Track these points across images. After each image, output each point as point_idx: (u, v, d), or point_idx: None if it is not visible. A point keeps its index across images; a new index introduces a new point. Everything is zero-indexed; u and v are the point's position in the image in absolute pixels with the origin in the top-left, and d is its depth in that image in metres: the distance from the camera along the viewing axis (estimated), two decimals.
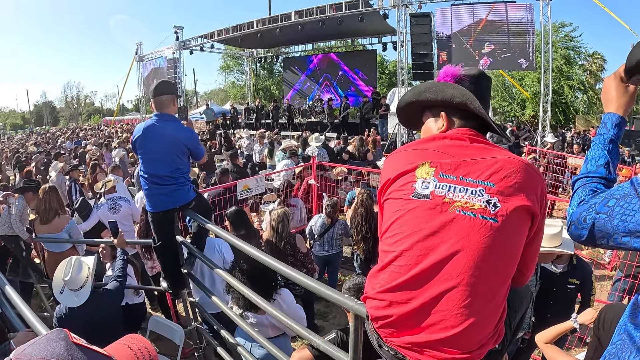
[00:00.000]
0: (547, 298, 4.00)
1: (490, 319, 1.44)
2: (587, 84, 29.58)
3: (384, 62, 38.34)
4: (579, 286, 4.02)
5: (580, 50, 29.10)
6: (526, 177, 1.45)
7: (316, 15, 19.18)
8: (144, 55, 30.19)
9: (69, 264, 3.53)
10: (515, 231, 1.44)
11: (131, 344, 0.96)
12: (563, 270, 4.03)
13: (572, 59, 28.86)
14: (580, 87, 28.76)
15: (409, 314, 1.43)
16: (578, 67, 29.49)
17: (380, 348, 1.59)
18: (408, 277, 1.44)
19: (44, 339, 0.84)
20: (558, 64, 25.72)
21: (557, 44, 26.15)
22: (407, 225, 1.49)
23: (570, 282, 4.01)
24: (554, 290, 4.01)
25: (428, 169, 1.52)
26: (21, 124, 70.50)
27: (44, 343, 0.82)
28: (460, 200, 1.43)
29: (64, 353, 0.81)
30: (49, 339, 0.84)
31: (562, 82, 27.13)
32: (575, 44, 28.66)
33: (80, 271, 3.51)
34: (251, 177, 7.96)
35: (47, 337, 0.84)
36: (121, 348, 0.94)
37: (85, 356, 0.83)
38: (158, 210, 3.72)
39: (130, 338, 0.97)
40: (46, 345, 0.82)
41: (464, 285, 1.37)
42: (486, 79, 1.74)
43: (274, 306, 2.81)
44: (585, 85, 28.99)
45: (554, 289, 4.01)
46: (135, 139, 3.70)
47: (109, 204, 6.17)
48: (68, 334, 0.87)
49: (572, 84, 27.96)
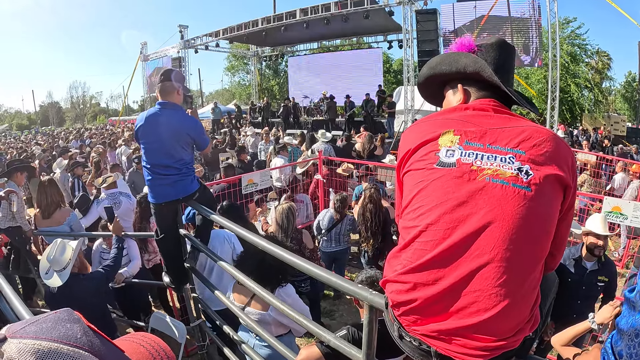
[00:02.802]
0: (575, 296, 3.88)
1: (527, 301, 1.28)
2: (593, 82, 29.38)
3: (389, 60, 38.20)
4: (607, 284, 3.92)
5: (587, 48, 28.97)
6: (556, 147, 1.33)
7: (321, 13, 19.10)
8: (148, 55, 30.22)
9: (54, 246, 3.60)
10: (549, 202, 1.30)
11: (144, 342, 0.81)
12: (593, 268, 3.93)
13: (578, 56, 28.68)
14: (587, 84, 28.57)
15: (436, 296, 1.28)
16: (584, 64, 29.31)
17: (402, 339, 1.44)
18: (435, 254, 1.29)
19: (51, 318, 0.68)
20: (564, 62, 25.55)
21: (563, 41, 26.00)
22: (432, 197, 1.34)
23: (599, 280, 3.92)
24: (582, 289, 3.89)
25: (452, 137, 1.39)
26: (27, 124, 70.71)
27: (52, 322, 0.67)
28: (489, 167, 1.30)
29: (82, 337, 0.66)
30: (59, 318, 0.68)
31: (569, 79, 26.96)
32: (580, 41, 28.53)
33: (64, 253, 3.56)
34: (256, 171, 7.88)
35: (57, 317, 0.68)
36: (132, 346, 0.80)
37: (104, 347, 0.68)
38: (160, 202, 3.59)
39: (140, 336, 0.83)
40: (56, 324, 0.66)
41: (498, 260, 1.22)
42: (504, 47, 1.59)
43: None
44: (591, 83, 28.80)
45: (583, 287, 3.89)
46: (137, 128, 3.56)
47: (109, 200, 6.13)
48: (81, 316, 0.72)
49: (578, 82, 27.78)
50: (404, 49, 17.76)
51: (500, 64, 1.53)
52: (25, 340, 0.61)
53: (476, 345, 1.23)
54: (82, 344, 0.65)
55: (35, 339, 0.62)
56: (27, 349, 0.60)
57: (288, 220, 4.90)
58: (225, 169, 7.64)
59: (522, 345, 1.32)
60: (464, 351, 1.25)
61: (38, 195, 5.49)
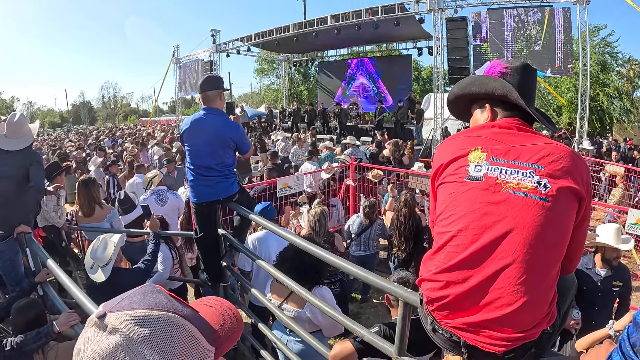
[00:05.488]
0: (592, 305, 3.93)
1: (544, 298, 1.45)
2: (623, 91, 28.62)
3: (419, 68, 38.01)
4: (622, 288, 4.00)
5: (617, 56, 28.23)
6: (572, 163, 1.51)
7: (352, 20, 19.14)
8: (180, 58, 30.70)
9: (96, 243, 3.75)
10: (565, 212, 1.47)
11: (212, 303, 0.94)
12: (607, 275, 3.99)
13: (609, 64, 28.03)
14: (616, 94, 27.88)
15: (466, 293, 1.46)
16: (615, 73, 28.64)
17: (435, 332, 1.62)
18: (465, 255, 1.47)
19: (139, 292, 0.82)
20: (593, 70, 25.00)
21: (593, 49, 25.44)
22: (462, 206, 1.54)
23: (614, 285, 4.00)
24: (599, 296, 3.95)
25: (480, 153, 1.58)
26: (59, 122, 72.53)
27: (140, 295, 0.80)
28: (512, 181, 1.49)
29: (167, 303, 0.79)
30: (146, 291, 0.82)
31: (598, 88, 26.41)
32: (611, 49, 27.86)
33: (106, 249, 3.69)
34: (291, 175, 8.07)
35: (143, 290, 0.82)
36: (203, 307, 0.92)
37: (185, 309, 0.81)
38: (202, 201, 3.77)
39: (207, 299, 0.95)
40: (144, 296, 0.79)
41: (519, 262, 1.40)
42: (527, 70, 1.77)
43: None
44: (620, 92, 28.07)
45: (599, 294, 3.95)
46: (182, 131, 3.78)
47: (156, 196, 6.22)
48: (163, 289, 0.85)
49: (608, 91, 27.16)
50: (434, 56, 17.67)
51: (525, 86, 1.72)
52: (123, 312, 0.74)
53: (500, 336, 1.41)
54: (168, 308, 0.77)
55: (131, 309, 0.74)
56: (126, 318, 0.72)
57: (320, 223, 5.02)
58: (269, 171, 7.87)
59: (540, 338, 1.49)
60: (489, 342, 1.43)
61: (79, 193, 5.69)
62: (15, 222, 4.09)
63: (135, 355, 0.69)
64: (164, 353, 0.71)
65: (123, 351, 0.69)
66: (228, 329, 0.88)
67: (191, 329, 0.78)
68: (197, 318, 0.82)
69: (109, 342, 0.70)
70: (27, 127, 4.37)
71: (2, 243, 4.15)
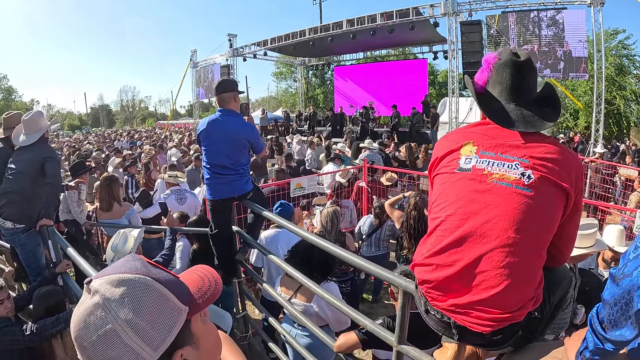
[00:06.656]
0: (594, 305, 3.93)
1: (528, 282, 1.54)
2: None
3: (434, 72, 37.85)
4: None
5: (635, 59, 27.77)
6: (560, 158, 1.59)
7: (367, 24, 19.29)
8: (198, 62, 31.08)
9: (117, 237, 3.95)
10: (548, 202, 1.56)
11: (197, 270, 1.07)
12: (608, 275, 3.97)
13: (626, 67, 27.57)
14: (634, 97, 27.36)
15: (454, 276, 1.57)
16: (632, 76, 28.14)
17: (427, 314, 1.74)
18: (452, 239, 1.60)
19: (121, 261, 0.95)
20: (610, 73, 24.71)
21: (609, 52, 25.13)
22: (452, 194, 1.68)
23: None
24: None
25: (471, 147, 1.71)
26: (78, 125, 73.56)
27: (121, 263, 0.93)
28: (497, 172, 1.60)
29: (142, 268, 0.91)
30: (126, 259, 0.95)
31: (615, 91, 26.08)
32: (629, 52, 27.45)
33: (126, 242, 3.88)
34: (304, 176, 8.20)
35: (124, 259, 0.95)
36: (187, 274, 1.06)
37: (160, 273, 0.94)
38: (217, 198, 3.92)
39: (195, 267, 1.09)
40: (124, 263, 0.93)
41: (501, 246, 1.51)
42: (515, 65, 1.73)
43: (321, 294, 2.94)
44: (638, 96, 27.52)
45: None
46: (199, 132, 3.93)
47: (175, 195, 6.38)
48: (143, 257, 0.98)
49: (625, 94, 26.77)
50: (449, 60, 17.70)
51: (511, 83, 1.73)
52: (104, 277, 0.88)
53: (486, 317, 1.51)
54: (141, 272, 0.90)
55: (110, 275, 0.88)
56: (105, 281, 0.86)
57: (332, 222, 5.12)
58: (277, 172, 8.00)
59: (527, 321, 1.58)
60: (477, 322, 1.53)
61: (100, 190, 5.84)
62: (35, 215, 4.29)
63: (110, 311, 0.83)
64: (134, 308, 0.84)
65: (100, 308, 0.83)
66: (205, 291, 1.00)
67: (160, 288, 0.90)
68: (170, 281, 0.94)
69: (91, 302, 0.84)
70: (44, 122, 4.55)
71: (24, 236, 4.36)
